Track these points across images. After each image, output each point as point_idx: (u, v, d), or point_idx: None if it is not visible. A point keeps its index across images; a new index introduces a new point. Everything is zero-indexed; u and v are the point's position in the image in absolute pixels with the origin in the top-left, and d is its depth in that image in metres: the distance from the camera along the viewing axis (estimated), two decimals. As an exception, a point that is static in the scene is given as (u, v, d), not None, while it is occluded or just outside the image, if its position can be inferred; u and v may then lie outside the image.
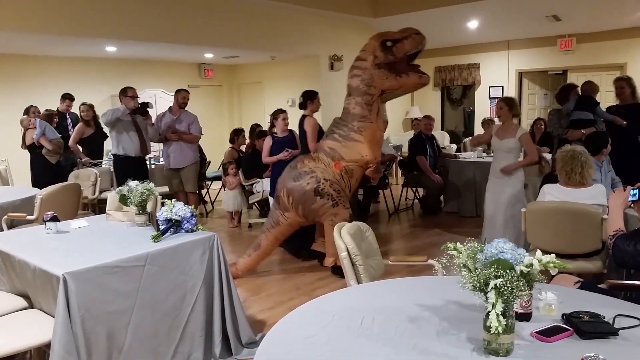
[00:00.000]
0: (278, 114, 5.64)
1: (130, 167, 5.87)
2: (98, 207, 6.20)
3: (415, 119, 8.92)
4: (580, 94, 5.98)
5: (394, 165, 8.79)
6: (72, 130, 7.44)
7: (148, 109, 6.14)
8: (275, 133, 5.67)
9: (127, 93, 6.02)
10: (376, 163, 4.75)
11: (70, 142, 6.89)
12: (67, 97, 7.40)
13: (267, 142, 5.63)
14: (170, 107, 6.68)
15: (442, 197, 7.58)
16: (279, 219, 4.77)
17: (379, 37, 4.57)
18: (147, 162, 7.29)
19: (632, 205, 2.51)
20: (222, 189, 7.17)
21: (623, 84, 5.87)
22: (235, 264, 4.80)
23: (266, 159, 5.67)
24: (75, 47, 7.72)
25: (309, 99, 5.45)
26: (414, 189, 7.77)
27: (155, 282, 2.85)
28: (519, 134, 4.90)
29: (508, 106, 4.92)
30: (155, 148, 8.92)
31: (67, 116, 7.41)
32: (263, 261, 5.03)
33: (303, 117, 5.45)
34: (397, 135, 10.98)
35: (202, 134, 6.78)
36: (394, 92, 4.73)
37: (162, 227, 3.10)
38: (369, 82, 4.56)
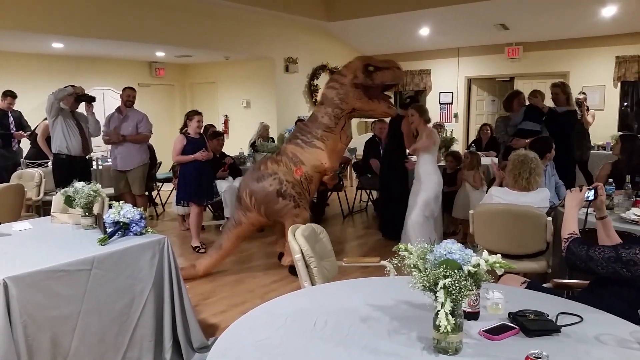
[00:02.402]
0: (193, 115, 5.64)
1: (72, 168, 5.59)
2: (43, 209, 5.96)
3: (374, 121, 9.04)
4: (527, 103, 6.17)
5: (348, 167, 8.86)
6: (14, 129, 7.13)
7: (94, 100, 5.95)
8: (189, 133, 5.61)
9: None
10: (333, 171, 4.94)
11: (39, 139, 6.65)
12: (9, 95, 7.07)
13: (180, 142, 5.56)
14: (118, 107, 6.50)
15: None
16: (241, 219, 4.89)
17: (364, 60, 4.76)
18: (95, 163, 7.09)
19: (589, 205, 2.59)
20: (173, 191, 7.02)
21: (558, 90, 6.11)
22: (194, 266, 4.86)
23: (179, 158, 5.58)
24: (19, 42, 7.41)
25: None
26: (368, 191, 7.86)
27: (102, 287, 2.77)
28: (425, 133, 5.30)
29: (418, 112, 5.30)
30: (103, 148, 8.67)
31: (9, 114, 7.10)
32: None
33: (400, 118, 5.81)
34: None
35: (152, 133, 6.61)
36: (363, 112, 4.96)
37: (109, 230, 3.01)
38: (343, 98, 4.74)
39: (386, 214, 6.24)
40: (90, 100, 5.89)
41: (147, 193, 7.09)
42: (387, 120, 6.40)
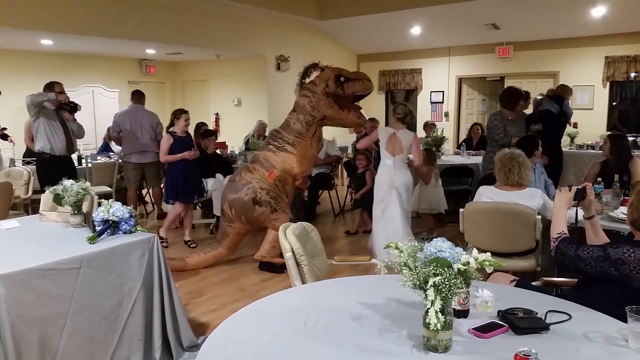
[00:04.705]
0: (180, 114, 5.66)
1: (55, 167, 5.41)
2: (31, 207, 5.91)
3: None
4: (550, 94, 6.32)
5: (339, 166, 8.86)
6: None
7: (77, 110, 5.70)
8: (175, 132, 5.60)
9: (53, 88, 5.51)
10: (303, 176, 5.07)
11: (26, 140, 6.53)
12: None
13: (167, 141, 5.56)
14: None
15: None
16: (227, 230, 5.05)
17: (335, 71, 5.01)
18: (84, 161, 7.04)
19: (578, 204, 2.60)
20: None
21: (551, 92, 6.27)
22: (186, 258, 5.04)
23: (167, 157, 5.57)
24: (8, 38, 7.34)
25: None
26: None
27: (92, 285, 2.75)
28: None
29: (393, 111, 5.27)
30: (92, 146, 8.62)
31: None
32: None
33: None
34: (343, 137, 11.08)
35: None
36: (334, 121, 5.11)
37: (98, 228, 2.99)
38: (314, 105, 4.94)
39: None
40: (73, 110, 5.65)
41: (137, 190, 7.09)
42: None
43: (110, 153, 7.87)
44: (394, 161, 5.03)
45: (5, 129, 7.39)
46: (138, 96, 6.86)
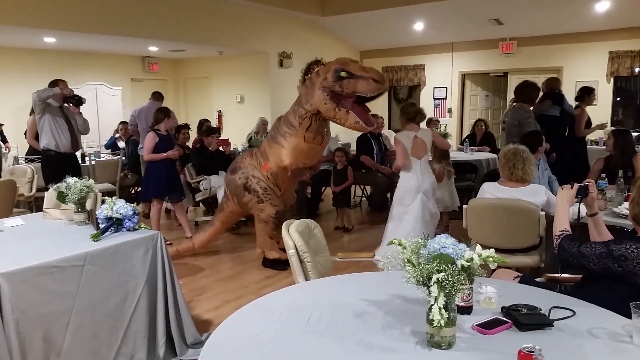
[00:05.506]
0: (170, 112, 5.71)
1: (60, 164, 5.41)
2: (35, 204, 5.93)
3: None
4: (545, 90, 6.21)
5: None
6: None
7: (82, 103, 5.72)
8: (159, 130, 5.54)
9: (57, 86, 5.49)
10: (293, 170, 4.78)
11: (28, 136, 6.53)
12: None
13: (153, 139, 5.47)
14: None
15: (388, 195, 7.69)
16: (223, 206, 5.24)
17: (340, 63, 4.33)
18: (87, 158, 7.06)
19: (580, 201, 2.59)
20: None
21: (543, 86, 6.19)
22: (192, 238, 5.35)
23: (152, 156, 5.48)
24: (10, 36, 7.34)
25: (586, 94, 6.59)
26: (362, 186, 7.86)
27: (96, 283, 2.76)
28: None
29: (401, 111, 5.25)
30: (96, 144, 8.64)
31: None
32: (211, 253, 5.31)
33: (577, 107, 6.51)
34: (346, 134, 11.05)
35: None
36: (329, 119, 4.56)
37: (102, 226, 3.00)
38: (308, 99, 4.48)
39: None
40: (78, 103, 5.65)
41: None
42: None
43: (114, 151, 7.90)
44: (421, 164, 4.98)
45: (1, 125, 7.40)
46: (158, 95, 7.24)
